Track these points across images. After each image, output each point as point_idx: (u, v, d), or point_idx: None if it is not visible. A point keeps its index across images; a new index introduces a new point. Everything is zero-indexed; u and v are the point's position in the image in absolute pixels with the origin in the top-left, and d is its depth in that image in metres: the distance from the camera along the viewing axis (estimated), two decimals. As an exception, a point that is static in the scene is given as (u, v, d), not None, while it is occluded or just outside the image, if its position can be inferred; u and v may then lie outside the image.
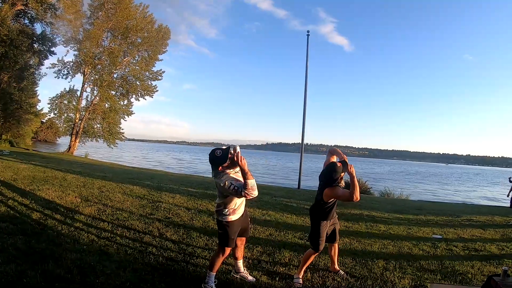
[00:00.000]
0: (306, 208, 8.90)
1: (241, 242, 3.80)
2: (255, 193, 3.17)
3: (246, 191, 3.13)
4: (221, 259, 3.49)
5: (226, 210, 3.39)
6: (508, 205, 9.86)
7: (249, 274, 3.86)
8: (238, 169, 3.36)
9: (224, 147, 3.28)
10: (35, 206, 5.86)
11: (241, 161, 3.13)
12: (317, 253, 4.02)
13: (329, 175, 3.83)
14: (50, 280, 3.11)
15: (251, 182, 3.14)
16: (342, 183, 3.91)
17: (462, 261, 5.14)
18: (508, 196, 10.01)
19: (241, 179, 3.24)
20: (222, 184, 3.21)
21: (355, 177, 3.75)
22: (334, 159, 4.10)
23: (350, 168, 3.72)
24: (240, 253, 3.83)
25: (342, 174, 3.83)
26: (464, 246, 6.07)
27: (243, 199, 3.47)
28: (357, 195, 3.61)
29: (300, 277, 3.93)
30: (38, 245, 3.98)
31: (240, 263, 3.86)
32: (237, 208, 3.46)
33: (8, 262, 3.38)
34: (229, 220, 3.43)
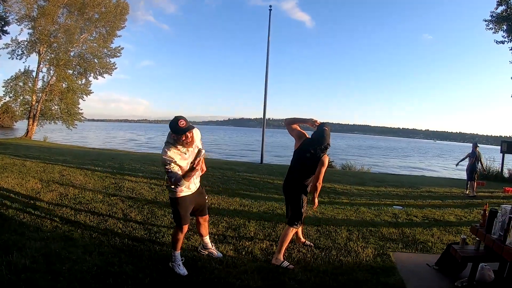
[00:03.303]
0: (269, 182, 9.18)
1: (203, 219, 3.70)
2: (173, 187, 3.15)
3: (172, 182, 3.09)
4: (180, 237, 3.37)
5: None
6: (465, 177, 10.45)
7: (216, 250, 3.89)
8: (186, 152, 3.20)
9: (190, 124, 3.07)
10: (-5, 196, 5.58)
11: (197, 164, 3.01)
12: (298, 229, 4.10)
13: (322, 142, 3.75)
14: (15, 271, 3.00)
15: (183, 182, 3.08)
16: None
17: (422, 230, 5.43)
18: (456, 165, 10.81)
19: (183, 165, 3.13)
20: (162, 156, 3.06)
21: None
22: (298, 128, 4.00)
23: None
24: (204, 230, 3.78)
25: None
26: (424, 216, 6.42)
27: (197, 172, 3.30)
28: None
29: (284, 259, 3.77)
30: (0, 236, 3.82)
31: (207, 239, 3.84)
32: (189, 182, 3.29)
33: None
34: (179, 195, 3.28)
